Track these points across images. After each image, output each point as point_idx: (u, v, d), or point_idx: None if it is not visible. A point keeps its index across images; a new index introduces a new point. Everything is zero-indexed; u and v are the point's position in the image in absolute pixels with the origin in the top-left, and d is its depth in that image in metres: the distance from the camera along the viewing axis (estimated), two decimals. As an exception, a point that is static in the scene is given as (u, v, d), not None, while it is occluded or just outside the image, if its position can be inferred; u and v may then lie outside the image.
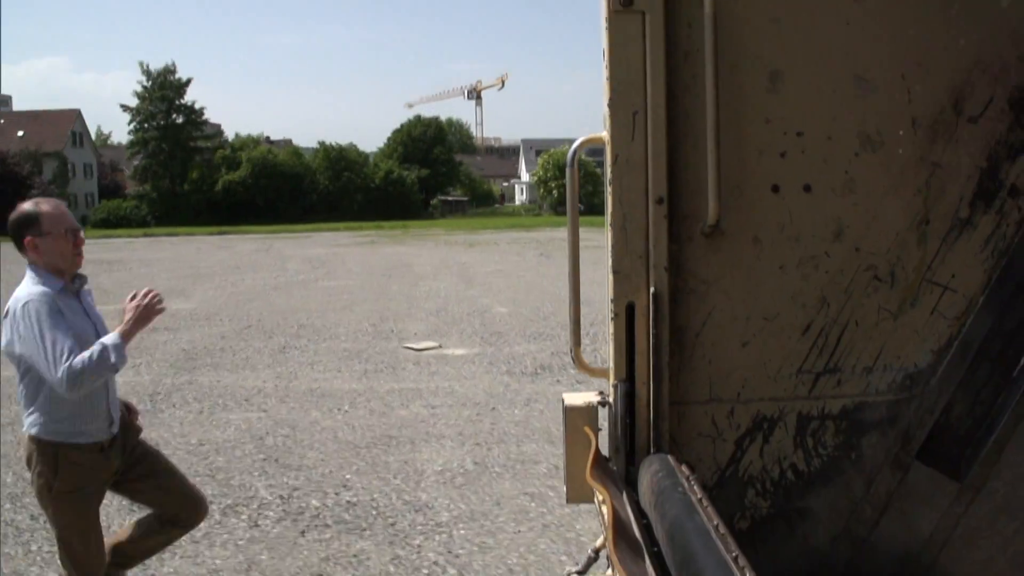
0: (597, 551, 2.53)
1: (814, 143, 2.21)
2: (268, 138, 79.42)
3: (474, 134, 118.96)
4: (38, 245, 3.28)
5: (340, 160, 66.42)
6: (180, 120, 64.47)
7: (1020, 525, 2.38)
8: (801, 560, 2.37)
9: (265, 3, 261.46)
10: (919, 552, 2.39)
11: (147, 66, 64.23)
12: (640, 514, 2.06)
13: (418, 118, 78.28)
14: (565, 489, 2.41)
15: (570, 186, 2.36)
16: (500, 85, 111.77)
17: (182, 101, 64.63)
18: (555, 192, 64.74)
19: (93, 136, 76.54)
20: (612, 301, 2.20)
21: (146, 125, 63.82)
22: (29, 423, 3.34)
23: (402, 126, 78.21)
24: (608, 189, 2.19)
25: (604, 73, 2.16)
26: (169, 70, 64.41)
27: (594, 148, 2.40)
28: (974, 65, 2.22)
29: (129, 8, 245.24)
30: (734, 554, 1.66)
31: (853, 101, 2.21)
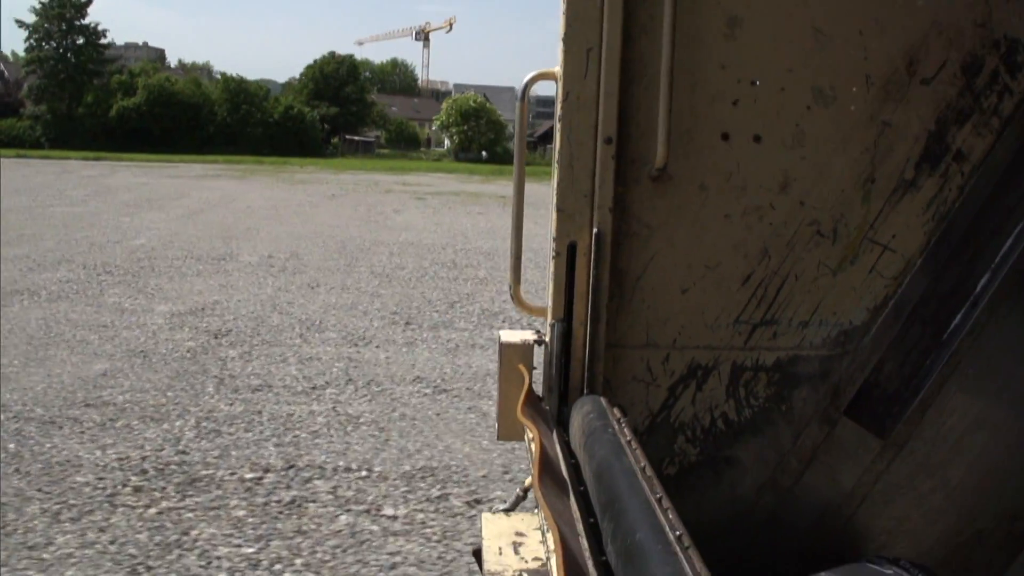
0: (526, 490, 2.54)
1: (767, 93, 2.19)
2: (211, 70, 77.77)
3: (419, 76, 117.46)
4: None
5: (240, 93, 65.51)
6: (80, 41, 62.50)
7: (936, 483, 2.44)
8: (725, 507, 2.40)
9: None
10: (839, 505, 2.45)
11: None
12: (569, 454, 2.06)
13: (332, 55, 76.79)
14: (497, 425, 2.41)
15: (519, 123, 2.32)
16: (448, 28, 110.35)
17: (83, 22, 62.65)
18: (455, 138, 64.18)
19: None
20: (554, 239, 2.17)
21: (44, 45, 61.85)
22: None
23: (315, 62, 76.86)
24: (557, 126, 2.15)
25: (561, 7, 2.11)
26: None
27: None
28: (930, 27, 2.21)
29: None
30: (659, 495, 1.67)
31: (809, 54, 2.20)
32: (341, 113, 72.64)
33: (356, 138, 75.11)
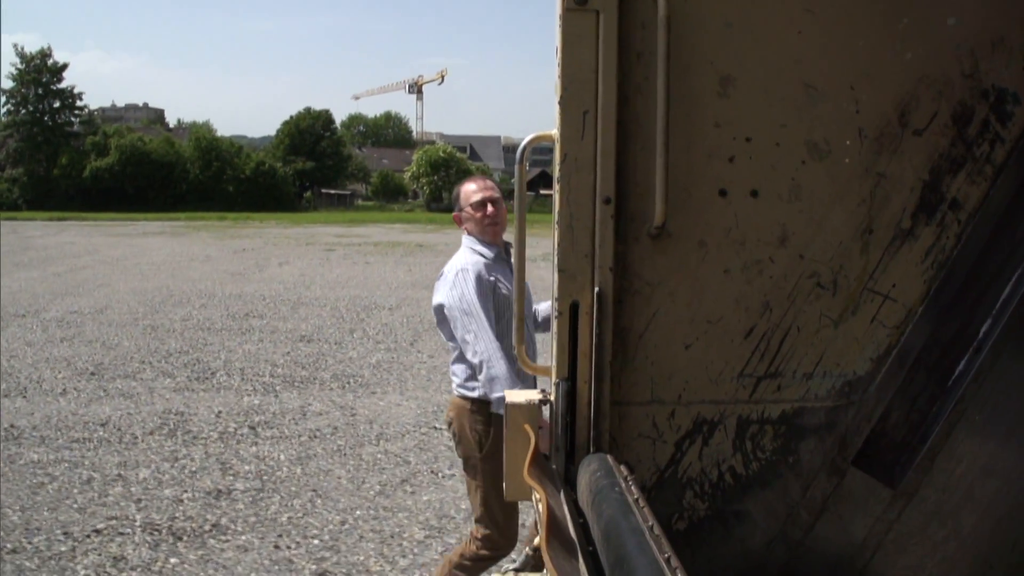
0: (536, 549, 2.53)
1: (762, 149, 2.23)
2: (211, 128, 78.62)
3: (413, 128, 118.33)
4: None
5: (211, 150, 66.41)
6: (56, 104, 64.09)
7: (949, 532, 2.43)
8: (737, 562, 2.39)
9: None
10: (852, 556, 2.43)
11: (21, 48, 64.98)
12: (577, 513, 2.06)
13: (308, 110, 77.66)
14: (504, 485, 2.41)
15: (518, 182, 2.36)
16: (440, 80, 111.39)
17: (59, 86, 64.24)
18: (425, 189, 64.53)
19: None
20: (556, 300, 2.19)
21: (21, 109, 63.52)
22: (457, 382, 3.60)
23: (291, 118, 77.80)
24: (556, 187, 2.18)
25: (556, 71, 2.16)
26: (44, 53, 64.28)
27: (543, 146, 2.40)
28: (920, 79, 2.25)
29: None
30: (667, 555, 1.66)
31: (802, 109, 2.23)
32: (317, 167, 73.24)
33: (332, 192, 75.49)
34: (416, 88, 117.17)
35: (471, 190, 3.70)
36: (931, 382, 2.38)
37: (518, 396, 2.38)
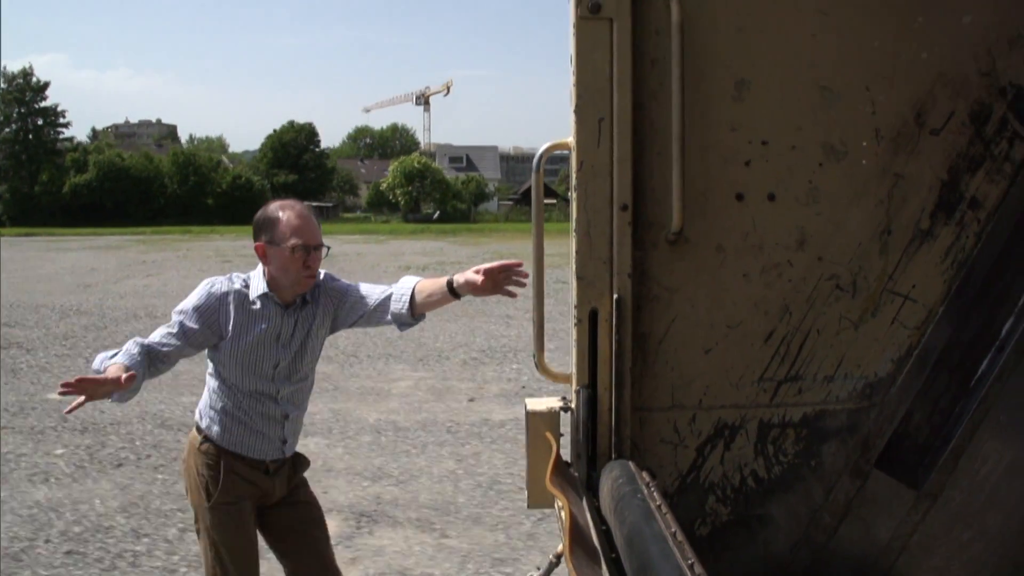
0: (559, 556, 2.53)
1: (778, 152, 2.23)
2: (224, 144, 78.69)
3: (420, 140, 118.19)
4: None
5: (188, 165, 67.35)
6: (40, 122, 65.38)
7: (975, 533, 2.41)
8: (761, 566, 2.38)
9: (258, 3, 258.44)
10: (877, 558, 2.42)
11: (4, 68, 66.54)
12: (600, 520, 2.06)
13: (291, 123, 78.21)
14: (527, 494, 2.41)
15: (535, 191, 2.36)
16: (445, 91, 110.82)
17: (43, 104, 65.53)
18: (400, 200, 64.57)
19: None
20: (575, 307, 2.20)
21: (5, 129, 64.78)
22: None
23: (274, 132, 78.29)
24: (573, 195, 2.19)
25: (571, 79, 2.16)
26: (27, 72, 65.64)
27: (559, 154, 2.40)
28: (936, 79, 2.24)
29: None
30: (690, 561, 1.66)
31: (818, 111, 2.23)
32: (300, 180, 73.68)
33: (314, 204, 75.67)
34: (423, 99, 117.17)
35: (293, 226, 2.79)
36: (953, 382, 2.37)
37: (538, 404, 2.38)
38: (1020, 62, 2.25)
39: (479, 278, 2.56)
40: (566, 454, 2.31)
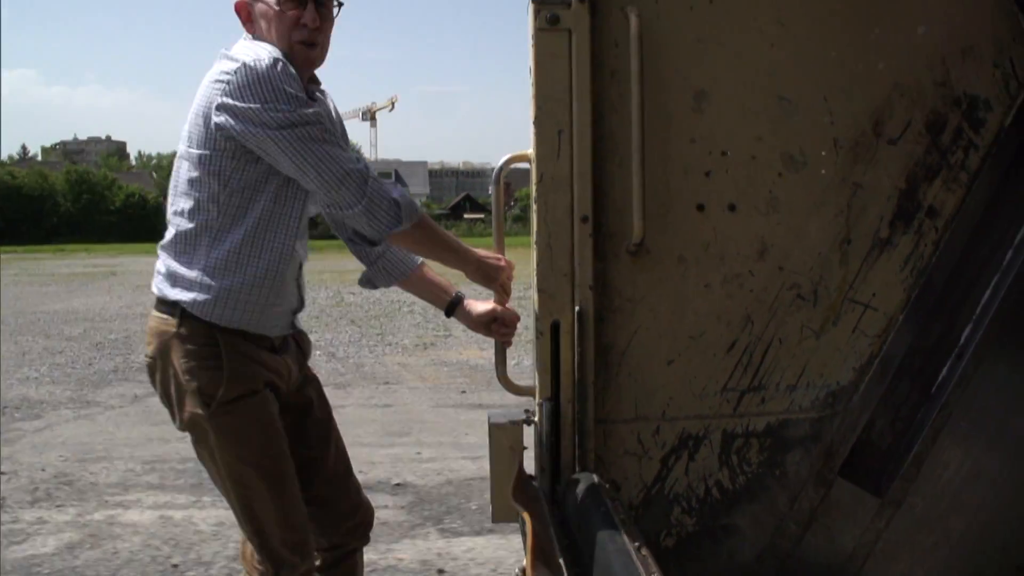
0: (524, 570, 2.51)
1: (738, 163, 2.23)
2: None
3: (368, 155, 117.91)
4: None
5: (82, 183, 67.90)
6: None
7: (938, 538, 2.43)
8: None
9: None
10: (842, 566, 2.43)
11: None
12: (564, 534, 2.05)
13: None
14: (491, 509, 2.39)
15: (495, 204, 2.35)
16: (390, 107, 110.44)
17: None
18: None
19: None
20: (537, 320, 2.19)
21: None
22: (162, 281, 2.33)
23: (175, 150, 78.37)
24: (533, 207, 2.18)
25: (530, 91, 2.16)
26: None
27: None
28: (892, 89, 2.26)
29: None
30: (654, 574, 1.66)
31: (777, 122, 2.24)
32: None
33: None
34: (370, 115, 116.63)
35: None
36: (915, 390, 2.38)
37: (501, 417, 2.37)
38: (973, 73, 2.28)
39: (481, 323, 2.53)
40: (530, 467, 2.29)
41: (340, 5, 2.38)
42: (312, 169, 2.19)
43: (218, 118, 2.21)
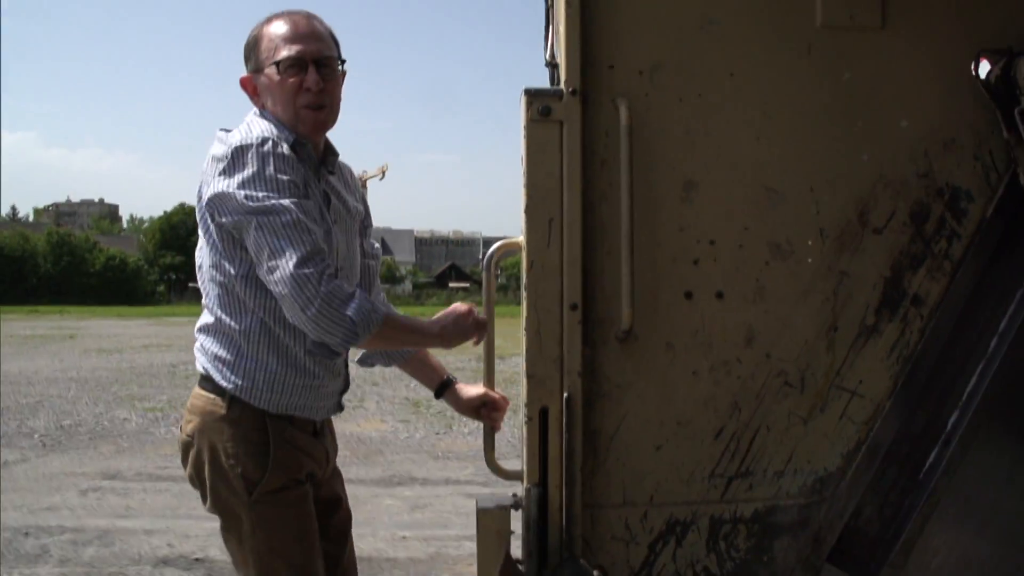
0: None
1: (726, 251, 2.27)
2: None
3: None
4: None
5: (63, 245, 68.89)
6: None
7: None
8: None
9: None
10: None
11: None
12: None
13: (181, 205, 79.58)
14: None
15: (486, 289, 2.38)
16: (381, 176, 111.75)
17: None
18: None
19: None
20: (526, 405, 2.20)
21: None
22: (207, 362, 2.29)
23: (164, 214, 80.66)
24: (523, 294, 2.21)
25: (522, 180, 2.20)
26: None
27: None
28: (877, 180, 2.31)
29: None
30: None
31: (764, 212, 2.28)
32: (187, 262, 73.51)
33: (192, 285, 76.43)
34: (361, 183, 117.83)
35: (279, 35, 2.26)
36: (902, 476, 2.39)
37: (489, 501, 2.37)
38: (955, 164, 2.33)
39: (470, 407, 2.53)
40: (517, 552, 2.29)
41: (343, 62, 2.35)
42: (264, 261, 2.11)
43: (207, 203, 2.22)
